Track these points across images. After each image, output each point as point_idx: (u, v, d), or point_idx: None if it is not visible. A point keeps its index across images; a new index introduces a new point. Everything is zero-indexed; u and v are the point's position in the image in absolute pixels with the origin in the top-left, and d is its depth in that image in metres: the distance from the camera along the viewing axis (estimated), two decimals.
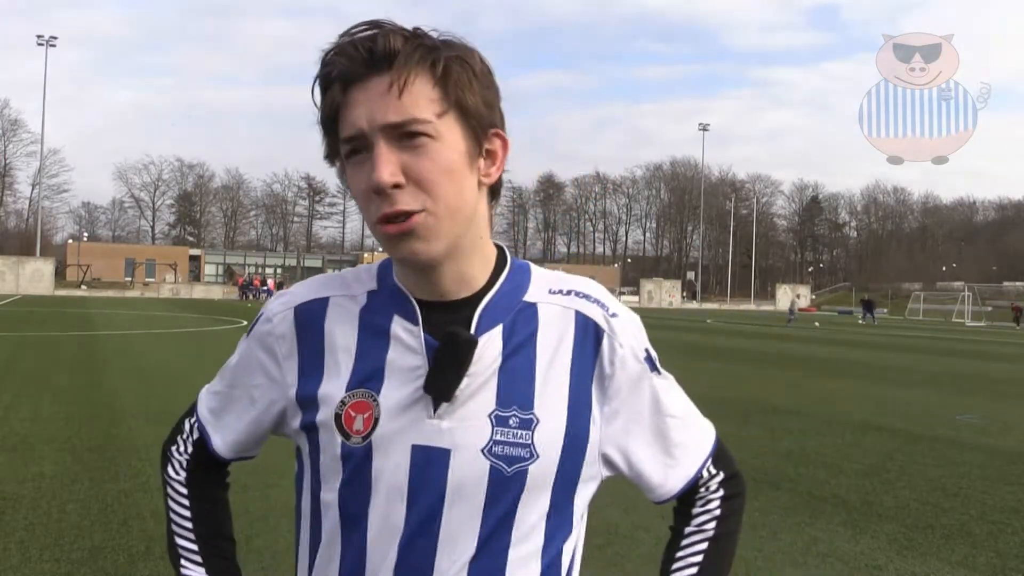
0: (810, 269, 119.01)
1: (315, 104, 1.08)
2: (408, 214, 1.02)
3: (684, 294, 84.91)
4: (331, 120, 1.06)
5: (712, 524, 1.22)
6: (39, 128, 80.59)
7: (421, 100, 1.01)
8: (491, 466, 1.07)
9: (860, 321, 51.92)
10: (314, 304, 1.16)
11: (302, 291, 1.19)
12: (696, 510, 1.23)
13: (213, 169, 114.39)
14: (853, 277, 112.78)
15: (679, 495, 1.22)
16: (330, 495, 1.12)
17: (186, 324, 27.22)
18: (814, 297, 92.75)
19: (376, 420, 1.08)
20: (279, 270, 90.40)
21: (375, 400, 1.09)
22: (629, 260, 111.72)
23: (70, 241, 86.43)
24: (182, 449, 1.29)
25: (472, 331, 1.09)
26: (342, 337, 1.13)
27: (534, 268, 1.18)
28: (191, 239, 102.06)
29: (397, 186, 1.01)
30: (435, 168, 1.02)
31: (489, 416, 1.08)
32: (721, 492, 1.24)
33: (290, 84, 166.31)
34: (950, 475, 7.10)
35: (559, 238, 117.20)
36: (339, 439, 1.09)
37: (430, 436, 1.07)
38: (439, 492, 1.07)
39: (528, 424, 1.08)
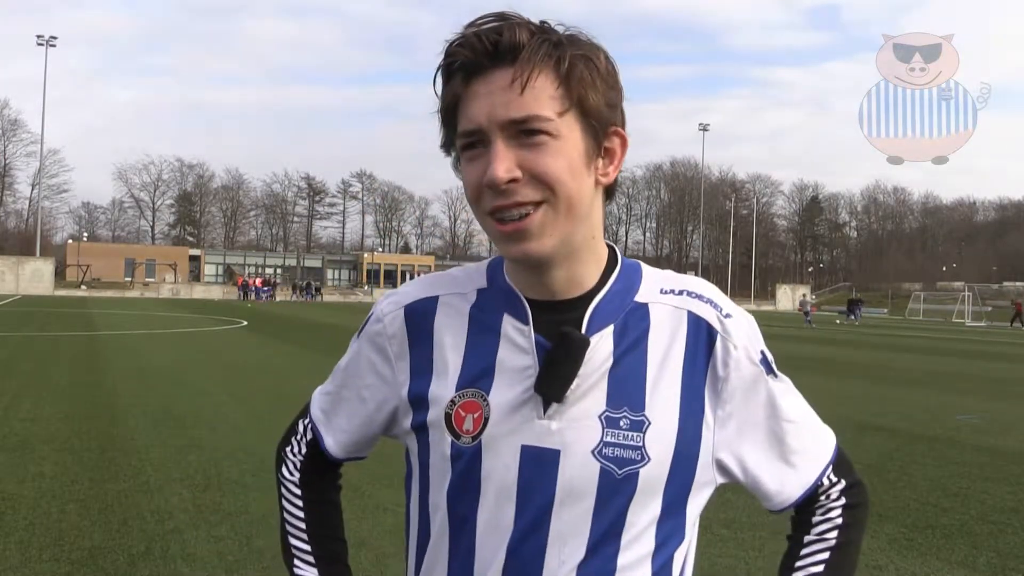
0: (810, 269, 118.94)
1: (435, 93, 1.06)
2: (524, 207, 1.01)
3: None
4: (451, 111, 1.04)
5: (834, 533, 1.18)
6: (39, 128, 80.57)
7: (543, 97, 1.00)
8: (601, 468, 1.05)
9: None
10: (424, 303, 1.16)
11: (412, 290, 1.19)
12: (816, 519, 1.19)
13: (213, 169, 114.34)
14: (853, 277, 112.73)
15: (798, 503, 1.19)
16: (439, 495, 1.11)
17: (186, 324, 27.20)
18: (814, 297, 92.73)
19: (486, 420, 1.07)
20: (279, 270, 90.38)
21: (485, 400, 1.08)
22: None
23: (70, 241, 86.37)
24: (296, 450, 1.29)
25: (583, 331, 1.08)
26: (451, 336, 1.12)
27: (645, 268, 1.17)
28: (191, 239, 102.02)
29: (513, 181, 1.00)
30: (553, 166, 1.01)
31: (599, 417, 1.06)
32: (843, 500, 1.20)
33: (290, 84, 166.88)
34: (950, 475, 7.10)
35: None
36: (449, 439, 1.09)
37: (540, 436, 1.06)
38: (549, 493, 1.05)
39: (639, 426, 1.06)
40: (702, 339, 1.11)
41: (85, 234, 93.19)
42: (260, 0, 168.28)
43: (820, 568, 1.17)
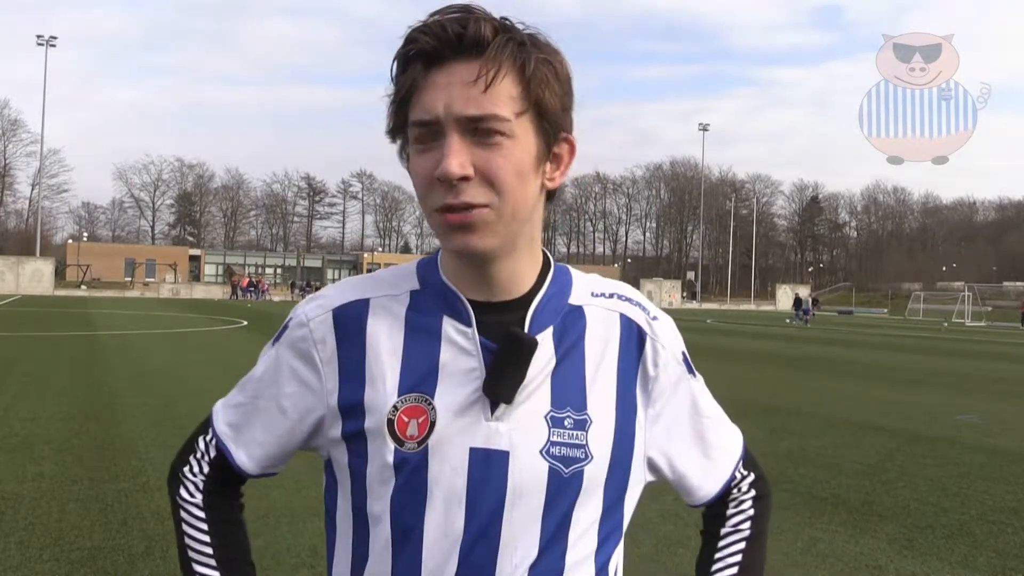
0: (810, 269, 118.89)
1: (391, 77, 1.04)
2: (472, 207, 1.00)
3: (684, 294, 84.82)
4: (405, 98, 1.03)
5: (748, 523, 1.23)
6: (39, 128, 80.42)
7: (504, 97, 0.99)
8: (549, 467, 1.06)
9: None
10: (354, 306, 1.12)
11: (338, 293, 1.14)
12: (730, 511, 1.24)
13: (213, 169, 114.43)
14: (853, 277, 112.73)
15: (717, 497, 1.23)
16: (379, 506, 1.07)
17: (186, 324, 27.20)
18: (814, 297, 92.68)
19: (432, 424, 1.05)
20: (279, 270, 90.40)
21: (430, 404, 1.06)
22: (629, 260, 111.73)
23: (70, 241, 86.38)
24: (196, 469, 1.21)
25: (525, 332, 1.08)
26: (387, 340, 1.09)
27: (572, 270, 1.18)
28: (191, 239, 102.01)
29: (465, 178, 0.99)
30: (506, 167, 1.00)
31: (545, 417, 1.07)
32: (752, 492, 1.25)
33: (290, 84, 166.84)
34: (950, 475, 7.10)
35: (559, 238, 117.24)
36: (392, 445, 1.05)
37: (488, 438, 1.05)
38: (499, 495, 1.05)
39: (582, 425, 1.07)
40: (633, 340, 1.14)
41: (85, 234, 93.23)
42: (260, 0, 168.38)
43: (739, 558, 1.21)
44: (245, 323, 28.77)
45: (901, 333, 37.78)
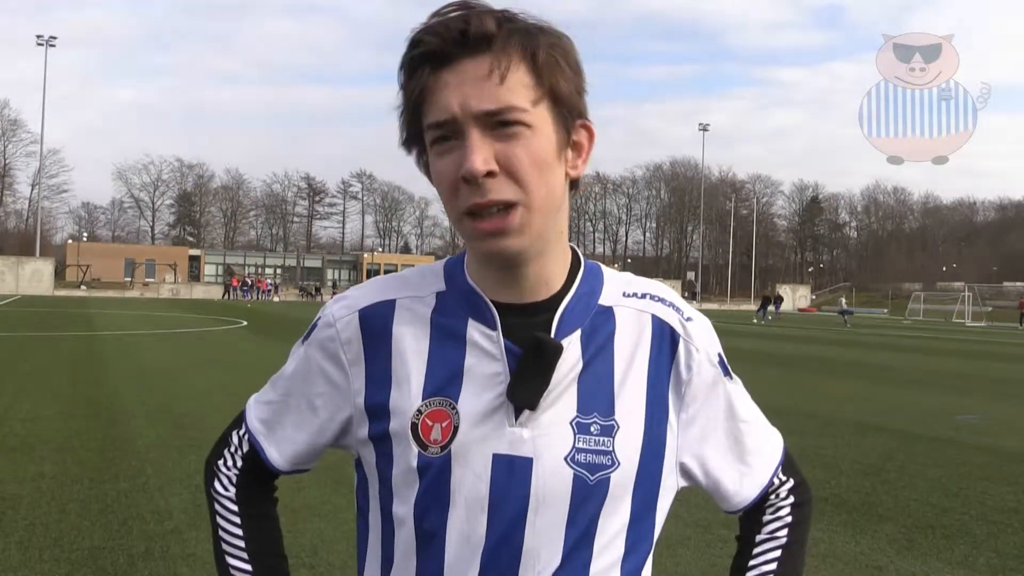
0: (810, 269, 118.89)
1: (399, 84, 1.02)
2: (501, 206, 0.98)
3: (684, 294, 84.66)
4: (417, 103, 1.00)
5: (784, 531, 1.20)
6: (39, 128, 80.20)
7: (519, 87, 0.98)
8: (574, 475, 1.03)
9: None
10: (380, 307, 1.11)
11: (364, 294, 1.14)
12: (767, 517, 1.21)
13: (213, 169, 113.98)
14: (853, 277, 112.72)
15: (754, 503, 1.20)
16: (403, 509, 1.07)
17: (186, 324, 27.20)
18: (814, 297, 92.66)
19: (455, 429, 1.04)
20: (279, 270, 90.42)
21: (454, 408, 1.05)
22: (629, 260, 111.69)
23: (70, 241, 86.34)
24: (231, 463, 1.21)
25: (552, 336, 1.06)
26: (413, 342, 1.08)
27: (605, 270, 1.16)
28: (191, 239, 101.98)
29: (490, 174, 0.97)
30: (529, 158, 0.98)
31: (571, 423, 1.05)
32: (791, 499, 1.22)
33: (290, 84, 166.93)
34: (950, 475, 7.10)
35: None
36: (415, 449, 1.05)
37: (512, 445, 1.04)
38: (522, 503, 1.03)
39: (609, 431, 1.05)
40: (666, 342, 1.11)
41: (85, 234, 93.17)
42: (260, 0, 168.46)
43: (773, 566, 1.18)
44: (245, 323, 28.76)
45: (900, 333, 37.75)
